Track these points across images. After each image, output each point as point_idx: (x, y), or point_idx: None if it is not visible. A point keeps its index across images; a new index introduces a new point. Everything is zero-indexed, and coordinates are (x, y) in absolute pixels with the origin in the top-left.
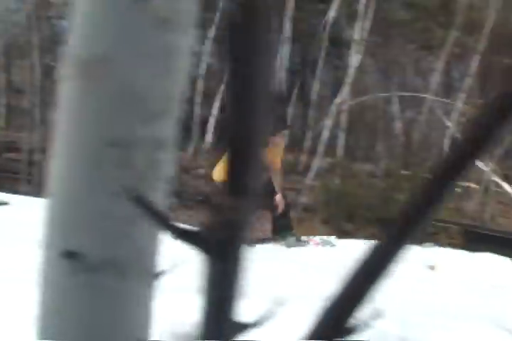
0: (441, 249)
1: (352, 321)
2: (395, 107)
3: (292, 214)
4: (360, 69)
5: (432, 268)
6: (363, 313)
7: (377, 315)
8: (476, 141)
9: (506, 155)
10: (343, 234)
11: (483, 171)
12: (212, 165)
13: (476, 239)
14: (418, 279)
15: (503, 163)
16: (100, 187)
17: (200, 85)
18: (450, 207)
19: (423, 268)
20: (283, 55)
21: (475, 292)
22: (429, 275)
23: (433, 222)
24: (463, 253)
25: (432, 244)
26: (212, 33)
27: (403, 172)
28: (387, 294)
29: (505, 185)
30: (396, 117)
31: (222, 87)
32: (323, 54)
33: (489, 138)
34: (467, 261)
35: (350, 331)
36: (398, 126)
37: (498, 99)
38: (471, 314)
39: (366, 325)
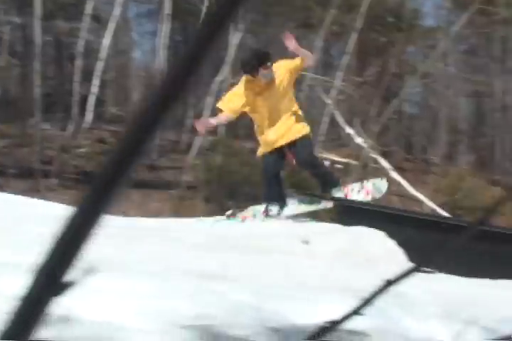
0: (316, 223)
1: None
2: None
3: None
4: (241, 47)
5: (306, 242)
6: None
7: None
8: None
9: (383, 132)
10: (225, 211)
11: (362, 148)
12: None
13: (351, 213)
14: (291, 253)
15: (381, 139)
16: None
17: (78, 63)
18: None
19: (297, 242)
20: (163, 33)
21: (347, 265)
22: (303, 248)
23: (313, 198)
24: (337, 227)
25: (307, 218)
26: (89, 9)
27: None
28: (254, 268)
29: (383, 161)
30: None
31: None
32: None
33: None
34: (341, 235)
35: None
36: None
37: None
38: (337, 286)
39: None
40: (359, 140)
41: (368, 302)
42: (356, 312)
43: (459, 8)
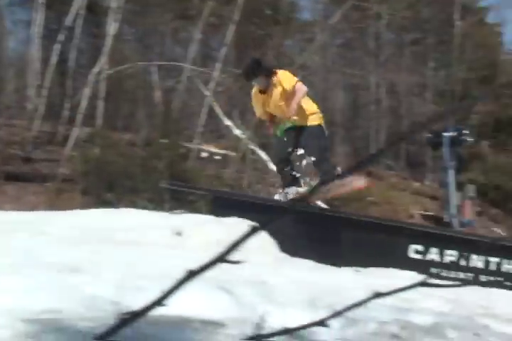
0: (190, 215)
1: None
2: (155, 76)
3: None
4: (118, 37)
5: (179, 234)
6: None
7: None
8: None
9: (262, 123)
10: (104, 203)
11: (240, 139)
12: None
13: (225, 204)
14: (163, 245)
15: (259, 131)
16: None
17: None
18: (209, 174)
19: (170, 234)
20: (38, 21)
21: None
22: (175, 240)
23: (192, 190)
24: (211, 218)
25: (181, 210)
26: None
27: (163, 140)
28: (121, 260)
29: (261, 153)
30: (156, 86)
31: None
32: (80, 21)
33: None
34: (215, 226)
35: None
36: (158, 95)
37: None
38: (203, 277)
39: None
40: (237, 131)
41: (170, 293)
42: (159, 302)
43: (334, 3)
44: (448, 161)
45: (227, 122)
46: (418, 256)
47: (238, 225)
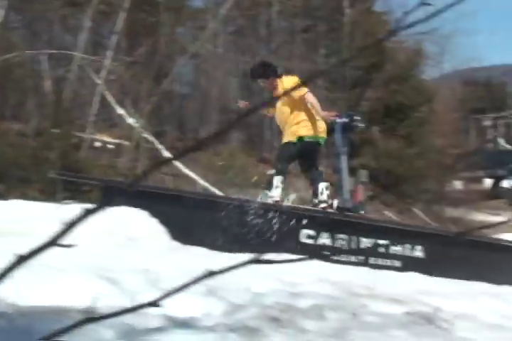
0: (81, 205)
1: None
2: (44, 65)
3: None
4: (5, 25)
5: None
6: None
7: None
8: None
9: (155, 112)
10: None
11: (133, 128)
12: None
13: (115, 193)
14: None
15: (153, 120)
16: None
17: None
18: (103, 164)
19: (57, 225)
20: None
21: (109, 245)
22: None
23: (86, 180)
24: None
25: (72, 201)
26: None
27: (54, 130)
28: (11, 253)
29: (155, 141)
30: (45, 75)
31: None
32: None
33: None
34: (104, 216)
35: None
36: (47, 84)
37: None
38: (93, 267)
39: None
40: (131, 120)
41: None
42: None
43: None
44: (340, 147)
45: (120, 111)
46: (310, 241)
47: (128, 214)
